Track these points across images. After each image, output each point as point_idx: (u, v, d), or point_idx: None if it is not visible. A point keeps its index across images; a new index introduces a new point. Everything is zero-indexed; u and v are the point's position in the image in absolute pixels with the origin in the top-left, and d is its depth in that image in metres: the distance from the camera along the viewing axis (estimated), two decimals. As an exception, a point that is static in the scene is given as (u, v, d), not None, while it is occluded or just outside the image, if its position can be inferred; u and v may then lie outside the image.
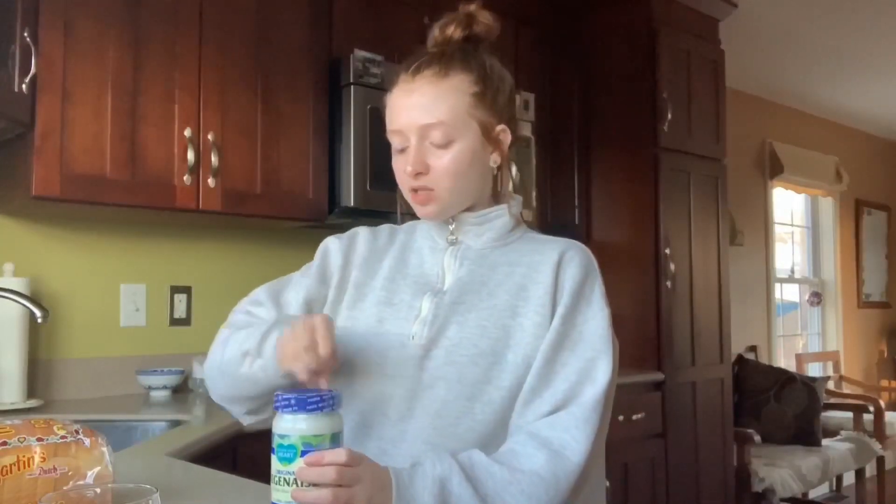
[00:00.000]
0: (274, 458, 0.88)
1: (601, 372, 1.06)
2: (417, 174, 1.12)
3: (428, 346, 1.10)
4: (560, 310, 1.10)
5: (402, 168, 1.15)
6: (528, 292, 1.12)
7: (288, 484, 0.87)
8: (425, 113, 1.11)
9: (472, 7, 1.17)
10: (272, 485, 0.89)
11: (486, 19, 1.17)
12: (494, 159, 1.18)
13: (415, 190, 1.14)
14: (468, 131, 1.13)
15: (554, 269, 1.12)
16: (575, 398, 1.05)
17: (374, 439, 1.10)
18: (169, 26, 2.18)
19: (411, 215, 1.22)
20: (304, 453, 0.86)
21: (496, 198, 1.22)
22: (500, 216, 1.19)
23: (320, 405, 0.88)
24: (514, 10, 3.15)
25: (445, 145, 1.12)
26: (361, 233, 1.27)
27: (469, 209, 1.18)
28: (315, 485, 0.86)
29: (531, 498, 0.97)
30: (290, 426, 0.87)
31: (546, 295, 1.11)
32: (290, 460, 0.87)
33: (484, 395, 1.07)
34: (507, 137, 1.18)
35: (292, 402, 0.87)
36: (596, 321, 1.11)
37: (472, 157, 1.14)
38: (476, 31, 1.17)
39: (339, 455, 0.87)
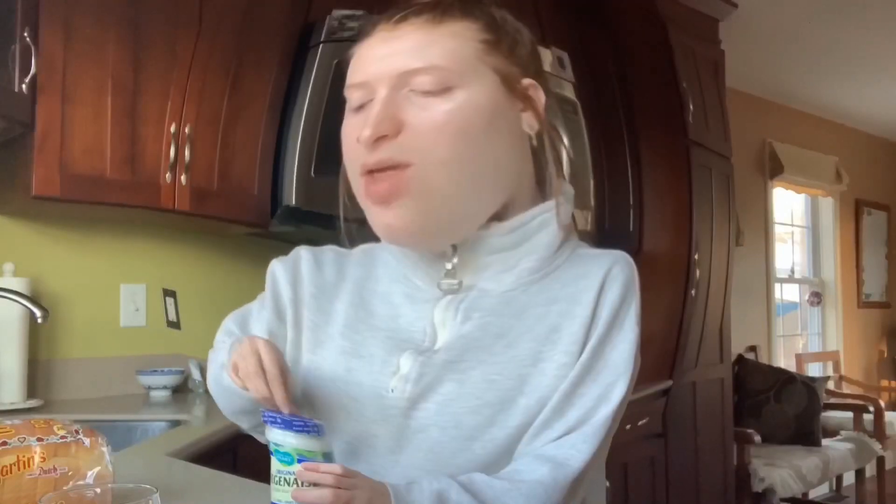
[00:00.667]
0: (273, 459, 0.88)
1: (617, 392, 0.88)
2: (379, 139, 0.74)
3: (414, 399, 0.87)
4: (592, 342, 0.87)
5: (353, 134, 0.78)
6: (560, 333, 0.86)
7: (289, 484, 0.87)
8: (409, 57, 0.78)
9: None
10: (272, 485, 0.89)
11: None
12: (529, 122, 0.83)
13: (370, 172, 0.76)
14: (480, 78, 0.79)
15: (596, 296, 0.86)
16: (588, 420, 0.87)
17: (364, 464, 0.94)
18: (169, 26, 2.17)
19: (360, 222, 0.86)
20: (300, 460, 0.86)
21: (541, 192, 0.86)
22: (546, 225, 0.84)
23: (305, 429, 0.87)
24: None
25: (439, 92, 0.76)
26: (304, 260, 0.99)
27: (496, 217, 0.82)
28: (315, 486, 0.83)
29: (529, 498, 0.84)
30: (281, 439, 0.88)
31: (581, 329, 0.86)
32: (289, 463, 0.87)
33: (486, 435, 0.87)
34: (539, 95, 0.85)
35: (278, 420, 0.87)
36: (624, 345, 0.89)
37: (492, 112, 0.78)
38: None
39: (335, 467, 0.79)
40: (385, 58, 0.77)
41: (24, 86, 1.88)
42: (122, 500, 0.69)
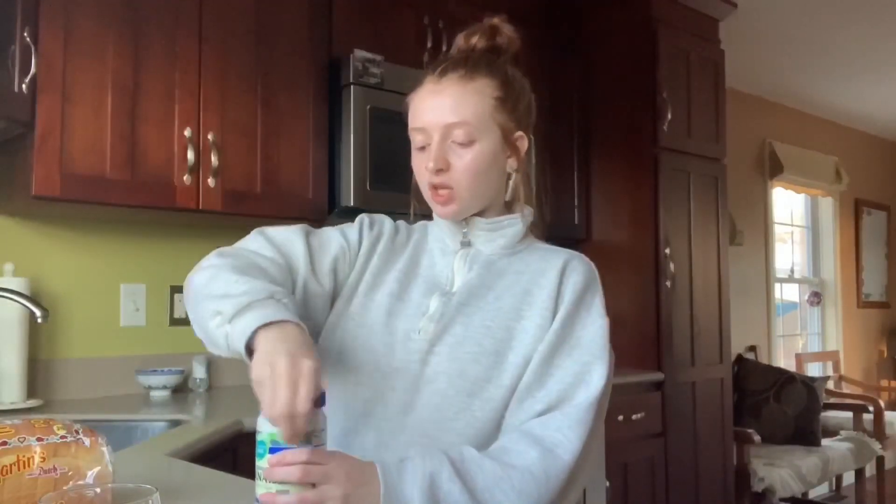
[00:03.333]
0: (256, 455, 0.89)
1: (596, 377, 1.08)
2: (438, 171, 1.15)
3: (433, 341, 1.12)
4: (560, 314, 1.12)
5: (423, 165, 1.17)
6: (532, 297, 1.15)
7: (261, 479, 0.87)
8: (450, 112, 1.15)
9: (497, 20, 1.23)
10: (256, 481, 0.89)
11: (509, 32, 1.23)
12: (511, 164, 1.22)
13: (435, 187, 1.16)
14: (490, 133, 1.16)
15: (558, 276, 1.16)
16: (568, 400, 1.06)
17: (373, 430, 1.11)
18: (169, 26, 2.18)
19: (424, 216, 1.25)
20: (271, 450, 0.86)
21: (508, 206, 1.24)
22: (513, 225, 1.22)
23: None
24: (514, 10, 3.11)
25: (468, 144, 1.15)
26: (388, 223, 1.29)
27: (481, 213, 1.21)
28: (286, 484, 0.85)
29: (521, 494, 0.98)
30: (265, 423, 0.88)
31: (549, 299, 1.14)
32: (261, 456, 0.87)
33: (484, 392, 1.09)
34: (524, 144, 1.23)
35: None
36: (594, 328, 1.13)
37: (492, 159, 1.17)
38: (499, 42, 1.22)
39: (299, 454, 0.86)
40: (434, 108, 1.16)
41: (24, 86, 1.88)
42: (122, 500, 0.70)
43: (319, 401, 0.89)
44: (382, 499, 0.91)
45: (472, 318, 1.13)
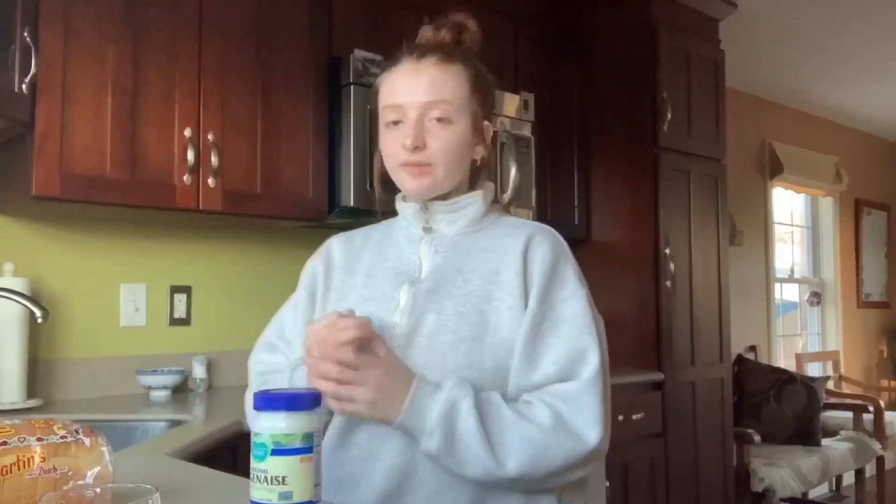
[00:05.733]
0: (251, 456, 0.89)
1: (590, 350, 1.09)
2: (416, 148, 1.15)
3: (409, 335, 1.12)
4: (533, 292, 1.12)
5: (396, 142, 1.17)
6: (500, 276, 1.14)
7: (260, 481, 0.87)
8: (429, 91, 1.16)
9: (462, 16, 1.26)
10: (250, 482, 0.89)
11: (474, 28, 1.26)
12: (479, 151, 1.24)
13: (410, 164, 1.16)
14: (464, 117, 1.19)
15: (522, 252, 1.15)
16: (570, 378, 1.08)
17: (365, 426, 1.13)
18: (169, 26, 2.18)
19: (391, 213, 1.29)
20: (274, 452, 0.87)
21: (472, 189, 1.26)
22: (472, 203, 1.22)
23: (295, 405, 0.88)
24: (514, 10, 3.15)
25: (446, 122, 1.16)
26: (335, 241, 1.30)
27: (444, 197, 1.21)
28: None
29: (531, 444, 1.03)
30: (264, 424, 0.88)
31: (517, 277, 1.13)
32: (259, 458, 0.88)
33: (468, 378, 1.08)
34: (489, 133, 1.25)
35: (268, 401, 0.88)
36: (574, 301, 1.13)
37: (466, 141, 1.19)
38: (463, 38, 1.25)
39: (342, 352, 1.01)
40: (413, 89, 1.17)
41: (24, 86, 1.88)
42: (122, 500, 0.69)
43: (319, 401, 0.91)
44: (404, 411, 1.03)
45: (443, 304, 1.13)
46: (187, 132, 2.19)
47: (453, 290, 1.14)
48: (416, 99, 1.16)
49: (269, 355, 1.28)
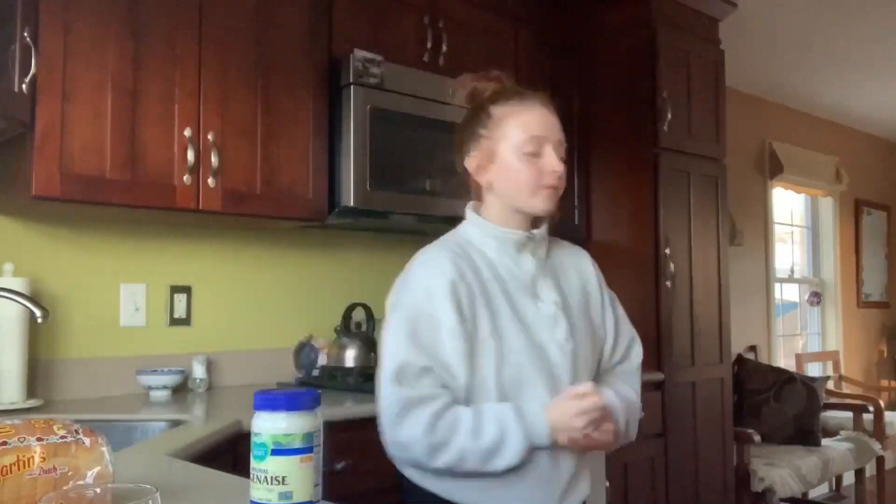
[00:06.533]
0: (251, 457, 0.89)
1: (636, 341, 1.63)
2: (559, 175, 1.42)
3: (569, 340, 1.44)
4: (606, 300, 1.57)
5: (545, 167, 1.41)
6: (588, 289, 1.54)
7: (260, 481, 0.87)
8: (559, 130, 1.45)
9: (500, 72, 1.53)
10: (250, 482, 0.89)
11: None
12: None
13: (551, 188, 1.42)
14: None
15: (592, 266, 1.58)
16: (628, 359, 1.59)
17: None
18: (169, 26, 2.18)
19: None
20: (274, 451, 0.87)
21: None
22: (544, 228, 1.51)
23: (295, 405, 0.88)
24: (514, 10, 3.15)
25: (564, 160, 1.44)
26: (448, 267, 1.39)
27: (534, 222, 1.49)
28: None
29: (635, 415, 1.52)
30: (264, 424, 0.88)
31: (597, 290, 1.56)
32: (259, 458, 0.88)
33: (591, 365, 1.51)
34: None
35: (268, 401, 0.88)
36: (621, 311, 1.63)
37: None
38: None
39: (597, 401, 1.33)
40: (551, 125, 1.44)
41: (24, 86, 1.88)
42: (122, 500, 0.70)
43: (319, 400, 0.91)
44: (619, 429, 1.43)
45: (570, 314, 1.46)
46: (187, 132, 2.19)
47: (572, 303, 1.47)
48: (556, 134, 1.44)
49: (428, 385, 1.33)
